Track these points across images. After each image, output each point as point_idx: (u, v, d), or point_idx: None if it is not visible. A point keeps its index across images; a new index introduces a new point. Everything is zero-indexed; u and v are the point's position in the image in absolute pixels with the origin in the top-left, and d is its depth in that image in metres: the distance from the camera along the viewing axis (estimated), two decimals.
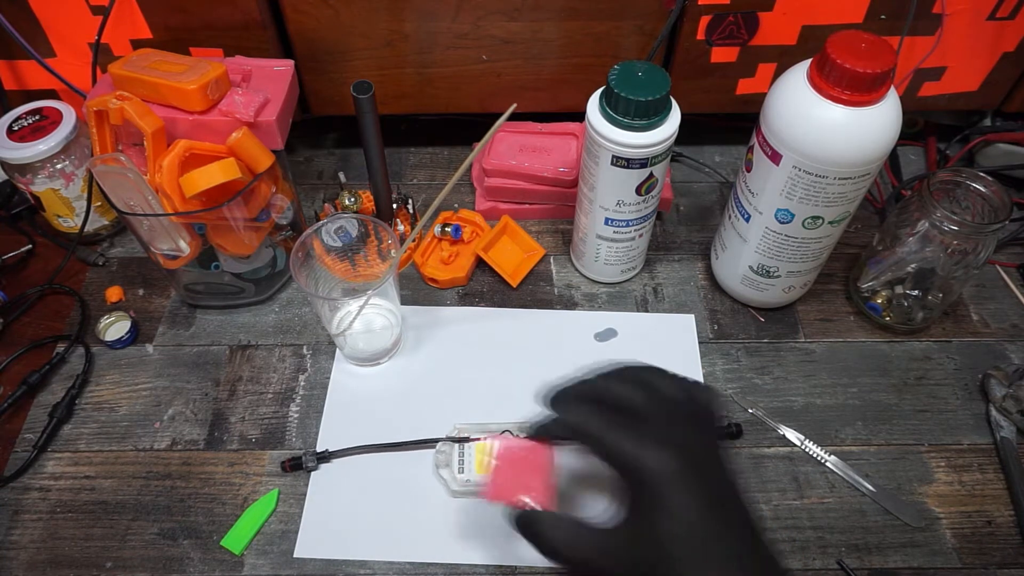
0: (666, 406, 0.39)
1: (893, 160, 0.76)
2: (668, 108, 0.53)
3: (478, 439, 0.54)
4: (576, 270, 0.67)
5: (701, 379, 0.59)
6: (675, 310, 0.64)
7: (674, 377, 0.41)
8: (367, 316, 0.60)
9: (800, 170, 0.50)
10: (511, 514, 0.39)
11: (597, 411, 0.38)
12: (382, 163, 0.61)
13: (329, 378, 0.59)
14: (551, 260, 0.68)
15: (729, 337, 0.62)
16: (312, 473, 0.54)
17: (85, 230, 0.64)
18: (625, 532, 0.35)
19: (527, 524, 0.38)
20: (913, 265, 0.59)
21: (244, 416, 0.57)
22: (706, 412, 0.40)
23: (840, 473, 0.55)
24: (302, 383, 0.59)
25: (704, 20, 0.62)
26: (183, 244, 0.56)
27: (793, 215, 0.53)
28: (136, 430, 0.57)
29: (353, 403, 0.58)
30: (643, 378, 0.41)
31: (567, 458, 0.49)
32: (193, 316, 0.63)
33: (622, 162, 0.53)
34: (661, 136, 0.52)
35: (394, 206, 0.67)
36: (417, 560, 0.50)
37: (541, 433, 0.41)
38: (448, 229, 0.66)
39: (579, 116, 0.59)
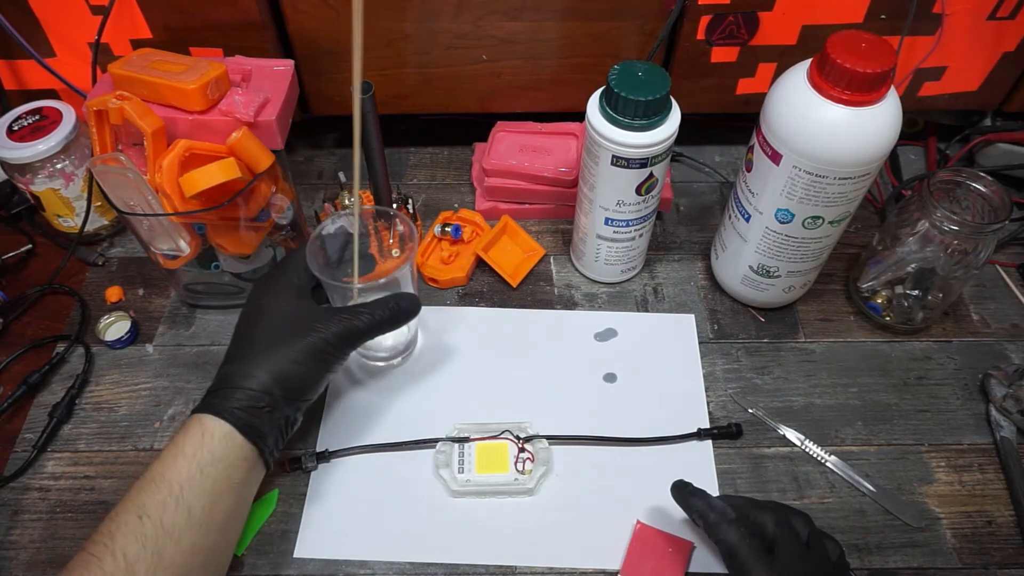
0: (800, 547, 0.44)
1: (893, 160, 0.76)
2: (668, 108, 0.53)
3: (478, 439, 0.54)
4: (576, 270, 0.67)
5: (701, 380, 0.59)
6: (675, 310, 0.64)
7: (808, 518, 0.47)
8: None
9: (800, 170, 0.50)
10: None
11: (740, 526, 0.45)
12: (382, 163, 0.61)
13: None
14: (551, 260, 0.68)
15: (729, 337, 0.62)
16: (312, 473, 0.54)
17: (85, 230, 0.64)
18: None
19: None
20: (913, 265, 0.59)
21: None
22: (840, 564, 0.45)
23: (840, 473, 0.55)
24: None
25: (704, 20, 0.62)
26: (183, 244, 0.56)
27: (793, 215, 0.53)
28: (136, 430, 0.57)
29: (353, 403, 0.58)
30: (783, 518, 0.46)
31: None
32: (193, 316, 0.63)
33: (622, 162, 0.53)
34: (661, 136, 0.52)
35: (394, 206, 0.67)
36: (417, 560, 0.50)
37: (694, 507, 0.47)
38: (448, 229, 0.66)
39: (579, 116, 0.59)
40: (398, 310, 0.50)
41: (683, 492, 0.48)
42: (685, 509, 0.48)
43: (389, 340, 0.59)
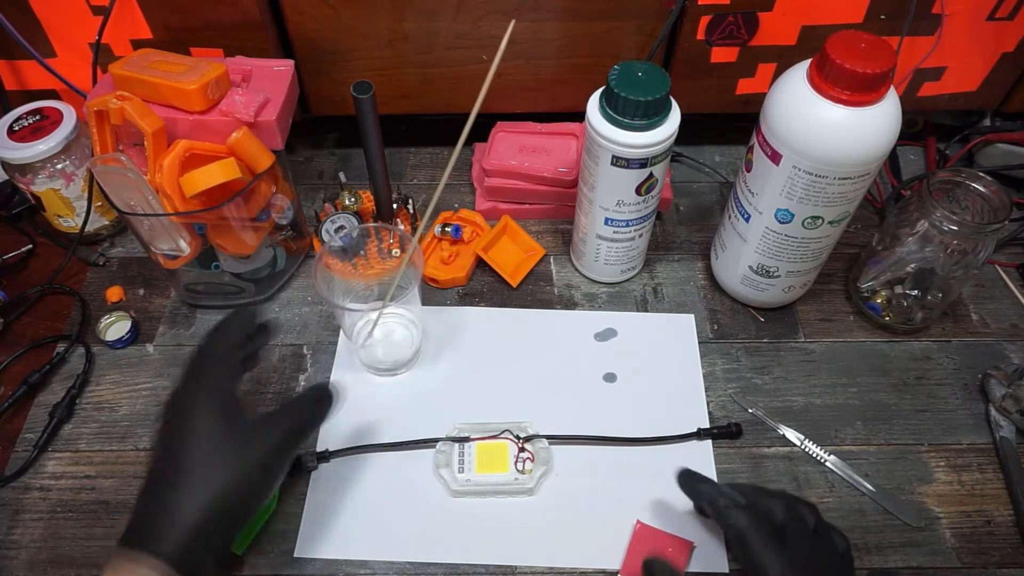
0: (809, 535, 0.44)
1: (893, 160, 0.76)
2: (668, 108, 0.53)
3: (478, 439, 0.54)
4: (576, 270, 0.67)
5: (701, 380, 0.59)
6: (675, 310, 0.64)
7: (815, 508, 0.47)
8: (388, 326, 0.60)
9: (800, 170, 0.50)
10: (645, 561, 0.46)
11: (749, 511, 0.44)
12: (382, 163, 0.61)
13: (329, 378, 0.59)
14: (551, 260, 0.68)
15: (729, 337, 0.62)
16: (312, 473, 0.54)
17: (85, 230, 0.64)
18: None
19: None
20: (913, 265, 0.59)
21: None
22: (847, 557, 0.45)
23: (840, 473, 0.55)
24: (302, 383, 0.59)
25: (704, 20, 0.62)
26: (183, 244, 0.56)
27: (793, 215, 0.53)
28: (136, 430, 0.57)
29: (353, 403, 0.58)
30: (792, 505, 0.46)
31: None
32: (193, 316, 0.63)
33: (622, 162, 0.53)
34: (661, 136, 0.52)
35: (394, 206, 0.67)
36: (417, 560, 0.50)
37: (702, 493, 0.47)
38: (448, 229, 0.66)
39: (579, 116, 0.59)
40: (312, 416, 0.47)
41: (691, 479, 0.48)
42: (692, 496, 0.48)
43: (393, 356, 0.59)
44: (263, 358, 0.50)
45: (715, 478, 0.54)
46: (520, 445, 0.54)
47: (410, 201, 0.69)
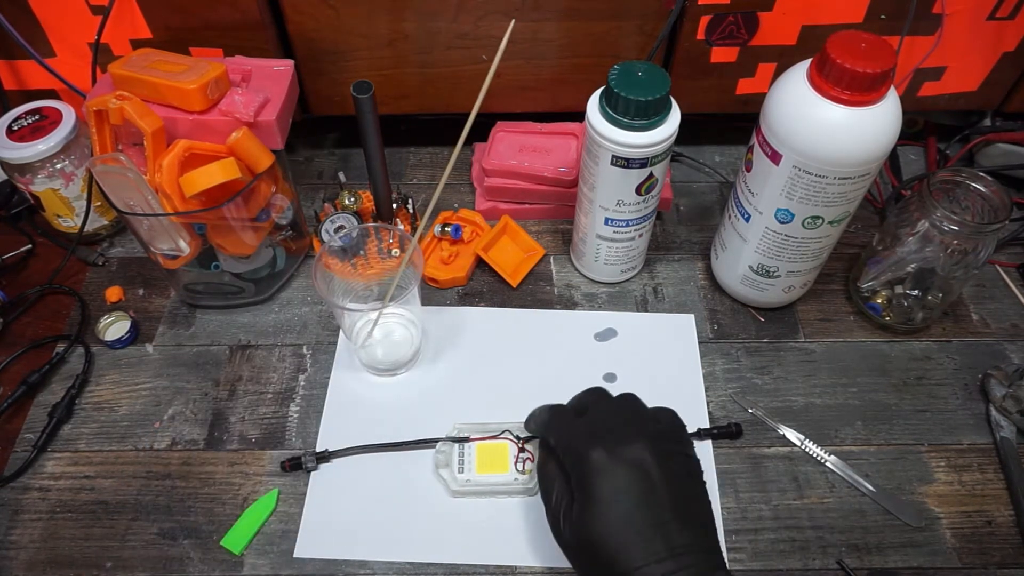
0: (614, 409, 0.44)
1: (893, 160, 0.76)
2: (668, 108, 0.53)
3: (478, 439, 0.54)
4: (576, 270, 0.67)
5: (701, 380, 0.59)
6: (675, 310, 0.64)
7: (630, 395, 0.46)
8: (388, 326, 0.60)
9: (800, 170, 0.50)
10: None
11: (555, 411, 0.45)
12: (382, 163, 0.61)
13: (329, 378, 0.59)
14: (551, 260, 0.68)
15: (729, 337, 0.62)
16: (312, 473, 0.54)
17: (85, 230, 0.64)
18: (575, 515, 0.41)
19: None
20: (913, 265, 0.59)
21: (244, 416, 0.57)
22: (670, 425, 0.44)
23: (840, 473, 0.55)
24: (302, 383, 0.59)
25: (704, 20, 0.62)
26: (183, 244, 0.56)
27: (793, 215, 0.53)
28: (136, 430, 0.57)
29: (353, 403, 0.58)
30: (604, 393, 0.46)
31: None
32: (193, 316, 0.63)
33: (622, 162, 0.53)
34: (661, 136, 0.52)
35: (394, 206, 0.67)
36: (417, 560, 0.50)
37: (528, 425, 0.48)
38: (448, 229, 0.66)
39: (579, 116, 0.59)
40: None
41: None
42: (530, 429, 0.49)
43: (392, 356, 0.59)
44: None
45: (715, 478, 0.54)
46: (520, 445, 0.54)
47: (410, 201, 0.69)
